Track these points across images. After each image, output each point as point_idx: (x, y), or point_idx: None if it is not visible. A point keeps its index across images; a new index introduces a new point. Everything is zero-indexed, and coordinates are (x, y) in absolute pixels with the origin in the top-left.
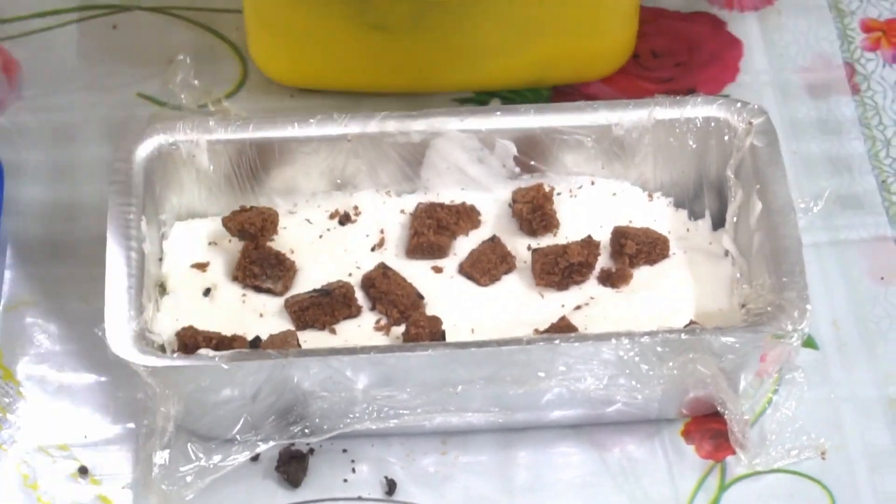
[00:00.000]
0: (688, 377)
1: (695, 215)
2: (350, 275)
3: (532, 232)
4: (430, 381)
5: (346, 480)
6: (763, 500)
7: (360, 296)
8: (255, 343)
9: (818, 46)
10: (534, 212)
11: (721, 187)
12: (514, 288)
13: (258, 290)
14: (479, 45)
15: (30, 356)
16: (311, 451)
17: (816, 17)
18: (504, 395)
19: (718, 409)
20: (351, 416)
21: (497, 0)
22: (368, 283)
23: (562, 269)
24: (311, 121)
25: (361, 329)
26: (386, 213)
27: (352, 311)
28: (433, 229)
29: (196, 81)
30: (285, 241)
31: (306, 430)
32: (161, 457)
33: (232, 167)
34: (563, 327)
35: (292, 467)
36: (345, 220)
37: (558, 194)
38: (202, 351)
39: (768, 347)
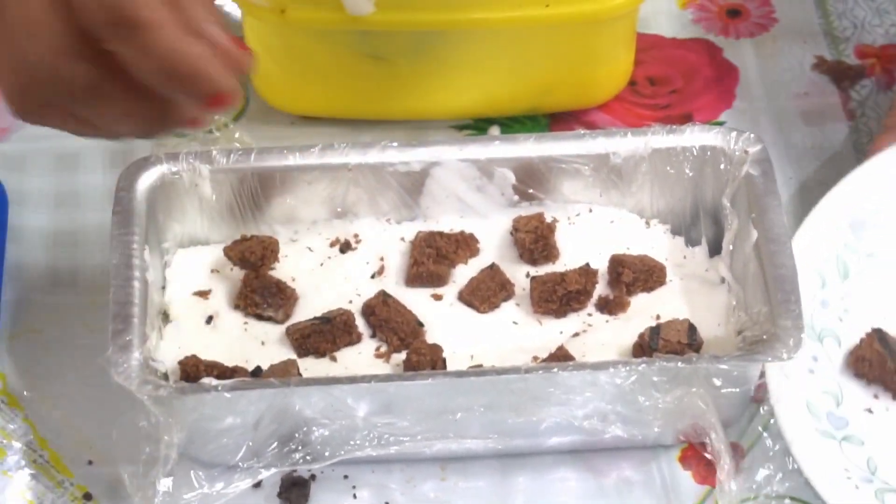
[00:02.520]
0: (684, 407)
1: (691, 242)
2: (350, 302)
3: (532, 261)
4: (430, 409)
5: None
6: None
7: (360, 323)
8: (257, 372)
9: (813, 73)
10: (536, 242)
11: (717, 215)
12: (513, 315)
13: (259, 318)
14: (478, 73)
15: (35, 383)
16: (313, 477)
17: (811, 44)
18: (502, 422)
19: (704, 441)
20: (352, 442)
21: (495, 29)
22: (369, 310)
23: (560, 296)
24: (313, 150)
25: (362, 356)
26: (386, 241)
27: (352, 338)
28: (432, 258)
29: None
30: (286, 269)
31: (308, 457)
32: (164, 484)
33: (234, 196)
34: (560, 357)
35: (294, 493)
36: (345, 247)
37: (556, 221)
38: (205, 380)
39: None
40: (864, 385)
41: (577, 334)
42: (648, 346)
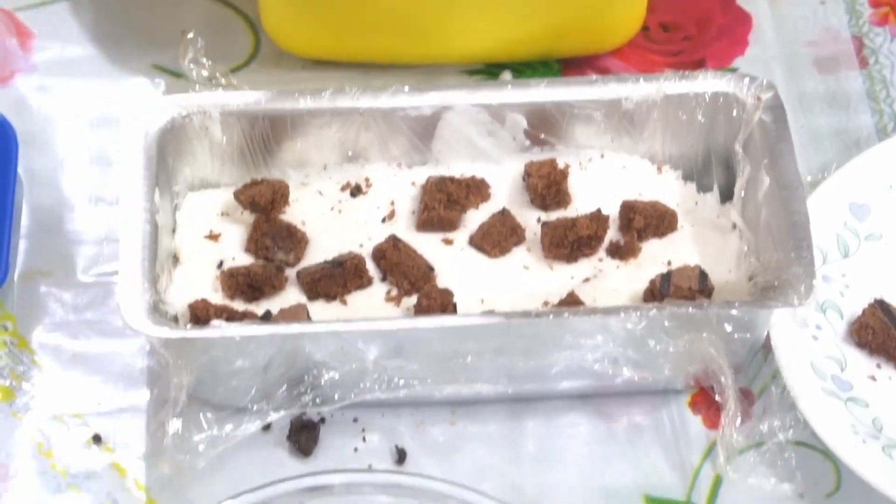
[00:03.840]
0: (695, 352)
1: (703, 189)
2: (361, 246)
3: (544, 207)
4: (440, 353)
5: (356, 450)
6: (770, 470)
7: (371, 267)
8: (267, 316)
9: (826, 20)
10: (549, 187)
11: (729, 161)
12: (524, 260)
13: (270, 261)
14: (490, 17)
15: (44, 325)
16: (323, 420)
17: None
18: (513, 367)
19: (713, 385)
20: (362, 386)
21: None
22: (379, 254)
23: (571, 242)
24: (324, 94)
25: (372, 300)
26: (397, 186)
27: (363, 282)
28: (443, 204)
29: (206, 59)
30: (297, 213)
31: (317, 400)
32: (174, 426)
33: (244, 139)
34: (571, 302)
35: (303, 436)
36: (356, 192)
37: (568, 167)
38: (214, 322)
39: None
40: (866, 354)
41: (587, 280)
42: (659, 292)
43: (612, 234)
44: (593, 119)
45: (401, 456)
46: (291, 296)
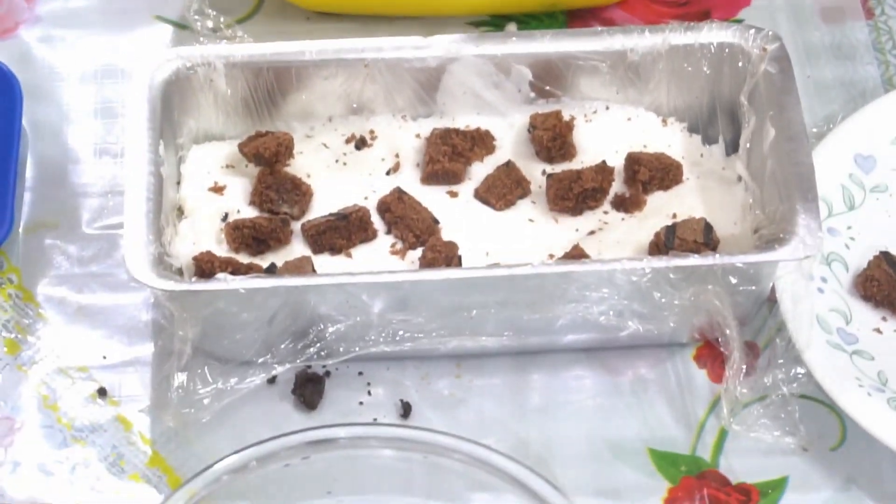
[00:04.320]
0: (700, 304)
1: (709, 140)
2: (366, 199)
3: (549, 159)
4: (445, 306)
5: (361, 403)
6: (774, 423)
7: (375, 220)
8: (272, 269)
9: None
10: (554, 140)
11: (735, 113)
12: (529, 212)
13: (275, 214)
14: None
15: (49, 278)
16: (328, 373)
17: None
18: (518, 320)
19: (718, 338)
20: (367, 339)
21: None
22: (384, 207)
23: (576, 194)
24: (329, 45)
25: (377, 253)
26: (402, 138)
27: (368, 234)
28: (448, 156)
29: (211, 10)
30: (301, 165)
31: (322, 353)
32: (178, 379)
33: (249, 91)
34: (576, 255)
35: (308, 390)
36: (361, 144)
37: (573, 119)
38: (219, 275)
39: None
40: (871, 307)
41: (592, 232)
42: (664, 244)
43: (617, 187)
44: (598, 71)
45: (406, 410)
46: (296, 249)
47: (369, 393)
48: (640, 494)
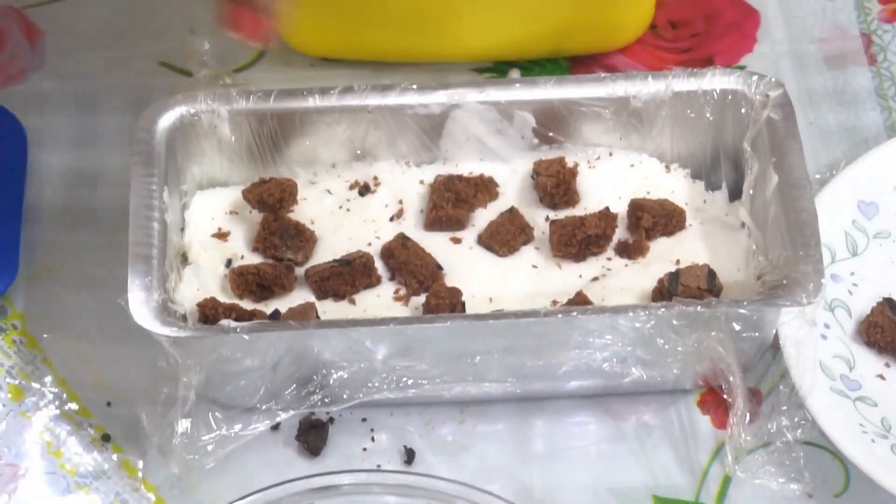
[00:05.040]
0: (703, 351)
1: (712, 186)
2: (369, 245)
3: (553, 205)
4: (449, 352)
5: (365, 449)
6: (778, 470)
7: (379, 266)
8: (276, 315)
9: (835, 17)
10: (558, 186)
11: (738, 159)
12: (533, 259)
13: (279, 260)
14: (499, 14)
15: (53, 324)
16: (331, 420)
17: None
18: (521, 366)
19: (722, 385)
20: (370, 385)
21: None
22: (388, 253)
23: (579, 240)
24: (332, 92)
25: (381, 299)
26: (405, 184)
27: (372, 280)
28: (451, 203)
29: (212, 61)
30: (305, 211)
31: (326, 400)
32: (182, 425)
33: (253, 137)
34: (579, 302)
35: (312, 436)
36: (364, 190)
37: (577, 166)
38: (223, 322)
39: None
40: (875, 353)
41: (596, 278)
42: (668, 291)
43: (620, 233)
44: (602, 117)
45: (409, 456)
46: (300, 294)
47: (373, 439)
48: None
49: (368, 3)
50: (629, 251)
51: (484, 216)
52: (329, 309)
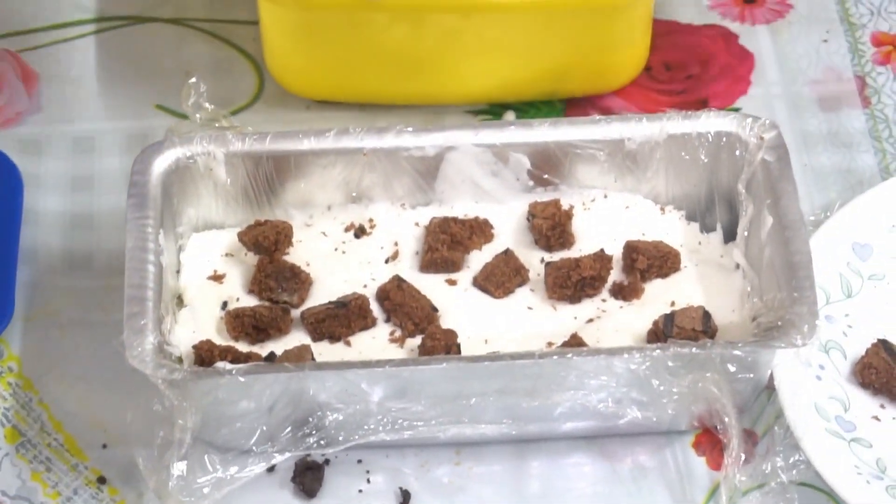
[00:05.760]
0: (699, 392)
1: (706, 228)
2: (365, 286)
3: (548, 247)
4: (445, 394)
5: (361, 491)
6: None
7: (375, 308)
8: (271, 357)
9: (829, 59)
10: (553, 228)
11: (732, 201)
12: (528, 300)
13: (274, 302)
14: (494, 57)
15: (49, 366)
16: (327, 461)
17: (828, 31)
18: (517, 408)
19: (717, 426)
20: (366, 427)
21: (511, 13)
22: (383, 295)
23: (574, 282)
24: (328, 134)
25: (376, 341)
26: (401, 226)
27: (367, 322)
28: (447, 245)
29: (208, 104)
30: (301, 253)
31: (322, 442)
32: (179, 468)
33: (249, 180)
34: (574, 345)
35: (308, 478)
36: (360, 232)
37: (572, 208)
38: (219, 364)
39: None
40: (870, 394)
41: (591, 320)
42: (663, 332)
43: (615, 275)
44: (597, 159)
45: (405, 498)
46: (295, 336)
47: (368, 481)
48: None
49: (363, 46)
50: (624, 293)
51: (479, 258)
52: (325, 351)
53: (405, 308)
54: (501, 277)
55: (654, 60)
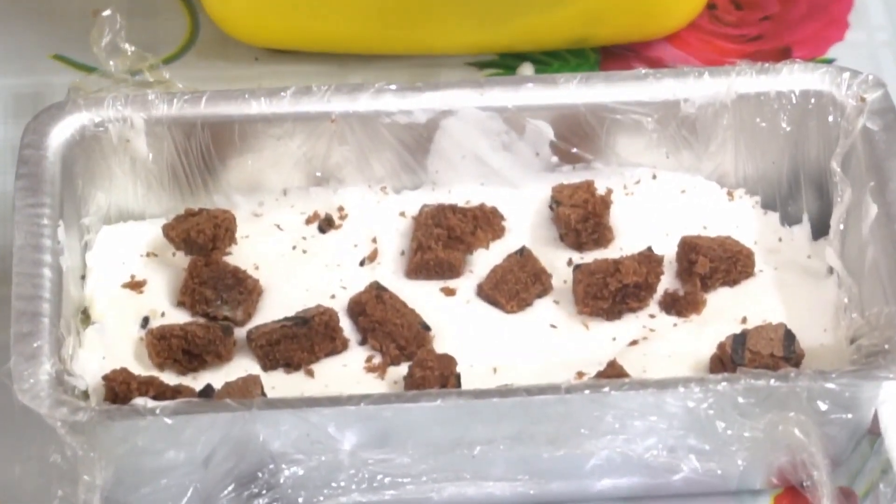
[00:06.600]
0: (778, 438)
1: (789, 220)
2: (333, 297)
3: (578, 245)
4: (440, 441)
5: None
6: None
7: (346, 325)
8: (207, 392)
9: None
10: (585, 220)
11: (824, 184)
12: (551, 316)
13: (212, 318)
14: None
15: None
16: None
17: None
18: (536, 459)
19: (804, 482)
20: (334, 485)
21: None
22: (358, 308)
23: (613, 291)
24: (283, 94)
25: (348, 369)
26: (380, 217)
27: (336, 345)
28: (442, 241)
29: (127, 45)
30: (247, 253)
31: None
32: None
33: (178, 155)
34: (613, 374)
35: None
36: (326, 225)
37: (610, 192)
38: (138, 401)
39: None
40: None
41: (635, 342)
42: (731, 359)
43: (667, 282)
44: (642, 127)
45: None
46: (240, 364)
47: None
48: None
49: None
50: (679, 306)
51: (485, 259)
52: (279, 383)
53: (386, 326)
54: (515, 286)
55: None
